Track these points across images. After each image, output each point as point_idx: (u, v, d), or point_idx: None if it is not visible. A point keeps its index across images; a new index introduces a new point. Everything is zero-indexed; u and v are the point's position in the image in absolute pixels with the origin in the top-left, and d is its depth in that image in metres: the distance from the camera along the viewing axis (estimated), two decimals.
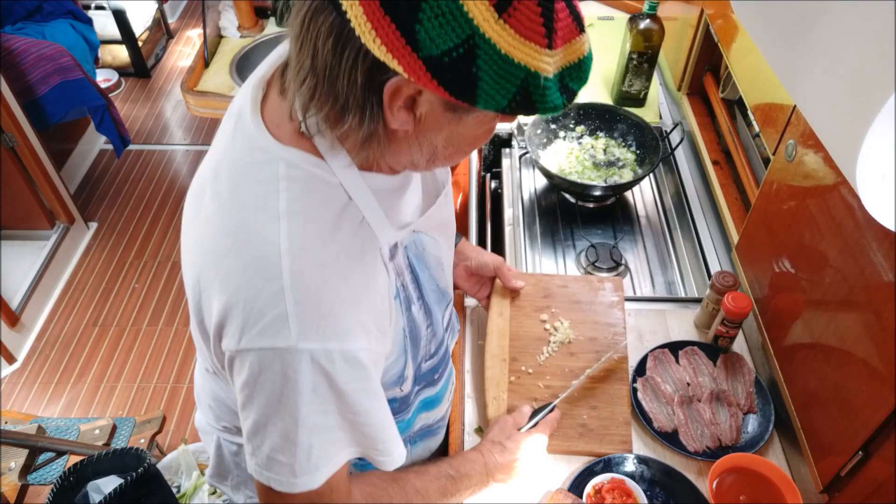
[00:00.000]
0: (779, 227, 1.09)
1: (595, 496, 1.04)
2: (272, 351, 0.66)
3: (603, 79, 1.93)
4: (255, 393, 0.69)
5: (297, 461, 0.72)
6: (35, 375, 2.45)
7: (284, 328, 0.65)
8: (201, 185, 0.76)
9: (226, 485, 1.09)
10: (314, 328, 0.66)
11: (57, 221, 2.80)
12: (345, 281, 0.69)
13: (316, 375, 0.67)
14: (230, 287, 0.67)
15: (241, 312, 0.67)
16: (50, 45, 2.67)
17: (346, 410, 0.72)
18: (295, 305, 0.65)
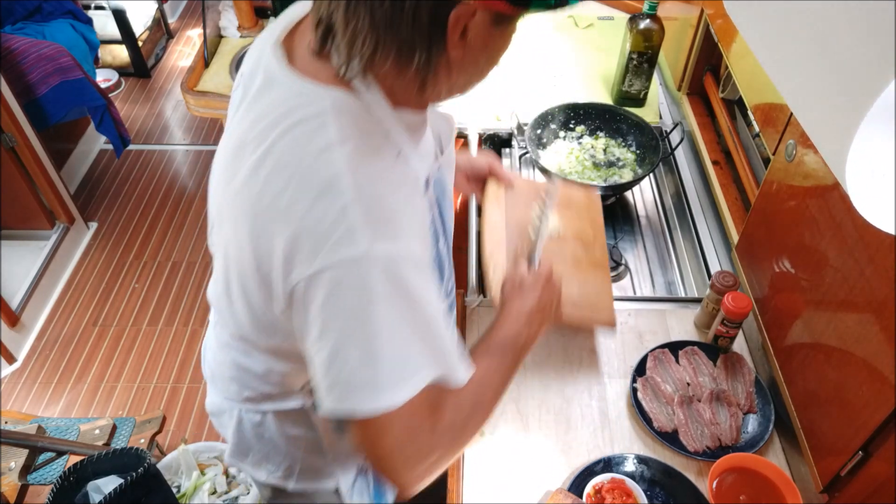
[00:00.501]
0: (779, 227, 1.09)
1: (595, 496, 1.04)
2: (347, 262, 0.68)
3: (603, 79, 1.94)
4: (331, 313, 0.70)
5: (379, 375, 0.71)
6: (35, 375, 2.45)
7: (356, 237, 0.67)
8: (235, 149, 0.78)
9: (246, 463, 1.08)
10: (383, 232, 0.69)
11: (57, 221, 2.80)
12: (398, 195, 0.73)
13: (389, 282, 0.69)
14: (295, 217, 0.69)
15: (310, 236, 0.68)
16: (50, 45, 2.67)
17: (419, 320, 0.73)
18: (362, 215, 0.68)
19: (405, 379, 0.73)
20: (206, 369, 1.10)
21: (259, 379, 0.96)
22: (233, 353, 0.96)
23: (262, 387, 0.97)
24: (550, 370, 1.24)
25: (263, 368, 0.94)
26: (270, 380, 0.95)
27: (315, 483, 1.09)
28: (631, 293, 1.45)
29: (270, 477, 1.08)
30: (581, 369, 1.25)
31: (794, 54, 0.77)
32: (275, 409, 0.99)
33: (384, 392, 0.72)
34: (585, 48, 2.07)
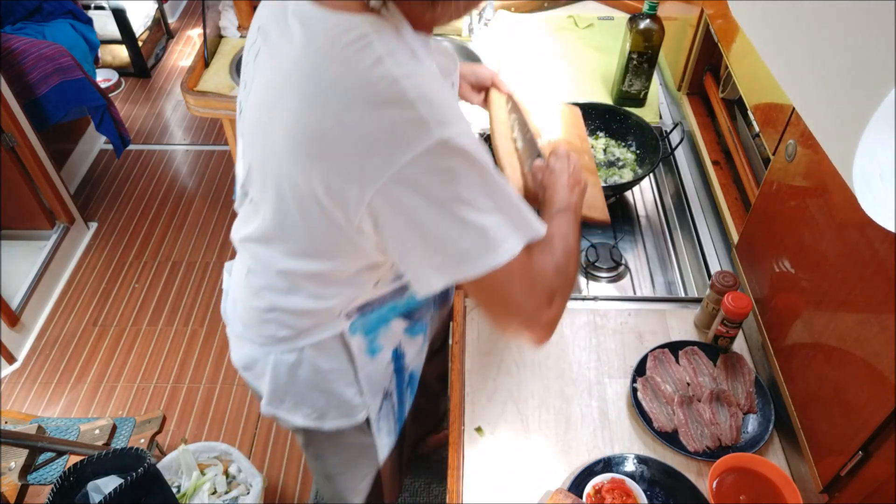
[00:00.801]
0: (779, 227, 1.09)
1: (595, 496, 1.04)
2: (422, 153, 0.74)
3: (603, 79, 1.94)
4: (417, 205, 0.76)
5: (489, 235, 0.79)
6: (35, 375, 2.45)
7: (425, 128, 0.74)
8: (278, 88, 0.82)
9: (282, 409, 1.14)
10: (446, 119, 0.75)
11: (57, 221, 2.80)
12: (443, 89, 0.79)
13: (465, 159, 0.76)
14: (364, 129, 0.75)
15: (385, 142, 0.74)
16: (50, 45, 2.67)
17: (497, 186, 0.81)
18: (426, 108, 0.74)
19: (512, 232, 0.82)
20: (236, 323, 1.14)
21: (298, 315, 1.02)
22: (270, 295, 1.02)
23: (300, 322, 1.03)
24: (550, 370, 1.25)
25: (304, 304, 1.00)
26: (310, 313, 1.02)
27: (348, 419, 1.16)
28: (631, 293, 1.45)
29: (307, 420, 1.15)
30: (581, 369, 1.25)
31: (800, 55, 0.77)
32: (311, 342, 1.05)
33: (499, 247, 0.80)
34: (585, 48, 2.07)
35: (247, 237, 1.01)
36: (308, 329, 1.04)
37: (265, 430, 2.27)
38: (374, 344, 1.10)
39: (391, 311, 1.08)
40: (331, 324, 1.04)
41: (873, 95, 0.61)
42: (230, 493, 1.84)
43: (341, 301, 1.01)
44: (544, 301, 0.89)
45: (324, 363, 1.08)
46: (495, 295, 0.86)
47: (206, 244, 2.91)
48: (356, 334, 1.06)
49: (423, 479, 2.08)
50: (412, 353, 1.20)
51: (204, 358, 2.49)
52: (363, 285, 1.00)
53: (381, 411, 1.20)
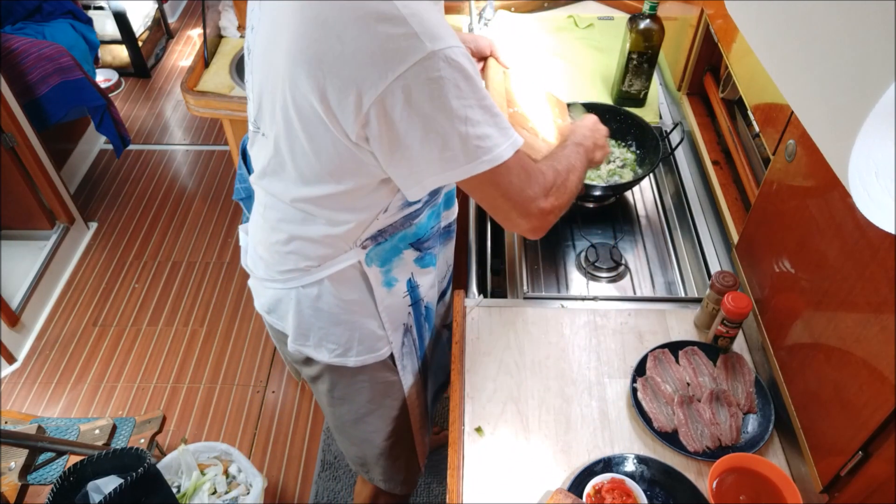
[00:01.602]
0: (779, 227, 1.09)
1: (595, 496, 1.04)
2: (415, 66, 0.81)
3: (603, 79, 1.93)
4: (412, 112, 0.84)
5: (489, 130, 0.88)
6: (35, 375, 2.45)
7: (417, 43, 0.81)
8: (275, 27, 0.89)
9: (308, 344, 1.22)
10: (438, 34, 0.82)
11: (57, 221, 2.80)
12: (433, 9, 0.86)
13: (452, 70, 0.83)
14: (360, 43, 0.81)
15: (379, 56, 0.81)
16: (50, 45, 2.67)
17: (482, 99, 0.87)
18: (418, 25, 0.81)
19: (503, 139, 0.90)
20: (258, 267, 1.21)
21: (316, 243, 1.08)
22: (287, 227, 1.09)
23: (318, 250, 1.09)
24: (550, 370, 1.25)
25: (320, 231, 1.06)
26: (326, 241, 1.08)
27: (373, 354, 1.22)
28: (631, 293, 1.45)
29: (332, 355, 1.21)
30: (581, 369, 1.25)
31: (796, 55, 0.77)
32: (331, 273, 1.11)
33: (501, 143, 0.90)
34: (585, 48, 2.07)
35: (261, 172, 1.08)
36: (327, 258, 1.10)
37: (265, 430, 2.28)
38: (390, 275, 1.16)
39: (402, 241, 1.13)
40: (347, 254, 1.10)
41: (868, 95, 0.61)
42: (230, 493, 1.84)
43: (355, 228, 1.06)
44: (541, 192, 0.99)
45: (345, 294, 1.14)
46: (496, 178, 0.93)
47: (206, 244, 2.91)
48: (372, 265, 1.12)
49: (423, 479, 2.08)
50: (425, 284, 1.24)
51: (204, 358, 2.49)
52: (373, 209, 1.04)
53: (403, 347, 1.26)
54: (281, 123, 0.95)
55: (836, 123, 0.67)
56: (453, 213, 1.29)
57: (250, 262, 1.25)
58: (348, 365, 1.22)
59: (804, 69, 0.75)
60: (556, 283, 1.48)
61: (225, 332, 2.57)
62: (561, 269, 1.50)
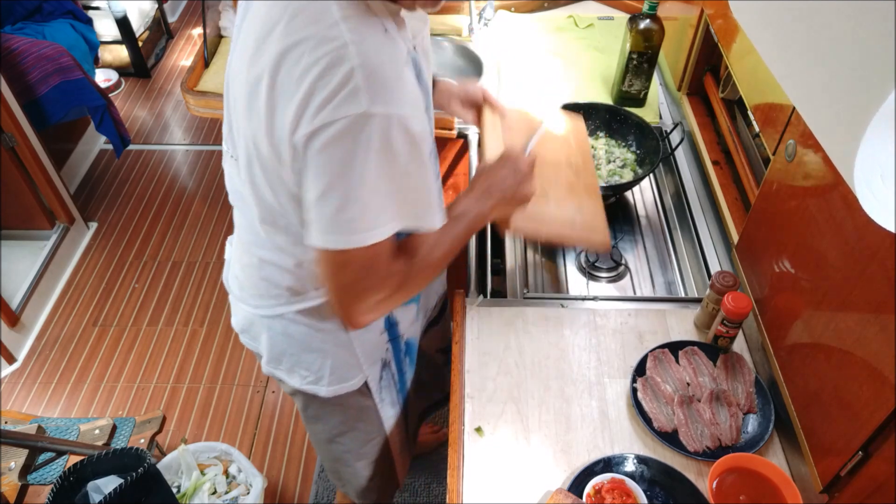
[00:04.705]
0: (779, 227, 1.09)
1: (595, 496, 1.04)
2: (347, 118, 0.78)
3: (603, 79, 1.94)
4: (328, 160, 0.81)
5: (356, 217, 0.84)
6: (35, 375, 2.45)
7: (357, 98, 0.78)
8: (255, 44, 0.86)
9: (281, 369, 1.20)
10: (380, 95, 0.79)
11: (57, 221, 2.80)
12: (393, 64, 0.83)
13: (381, 139, 0.80)
14: (307, 81, 0.79)
15: (319, 95, 0.79)
16: (50, 45, 2.67)
17: (398, 175, 0.85)
18: (365, 79, 0.78)
19: (377, 226, 0.86)
20: (233, 285, 1.20)
21: (287, 274, 1.06)
22: (258, 251, 1.07)
23: (289, 281, 1.07)
24: (550, 370, 1.25)
25: (286, 262, 1.05)
26: (298, 274, 1.06)
27: (345, 383, 1.20)
28: (631, 293, 1.45)
29: (304, 383, 1.19)
30: (581, 369, 1.25)
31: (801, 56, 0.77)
32: (303, 306, 1.10)
33: (356, 233, 0.85)
34: (585, 48, 2.07)
35: (233, 193, 1.07)
36: (297, 293, 1.08)
37: (265, 430, 2.27)
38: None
39: None
40: (319, 290, 1.08)
41: (874, 96, 0.61)
42: (230, 493, 1.84)
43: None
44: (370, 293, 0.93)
45: (317, 324, 1.12)
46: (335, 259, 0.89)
47: (206, 244, 2.91)
48: None
49: (423, 479, 2.08)
50: (406, 321, 1.22)
51: (204, 358, 2.49)
52: None
53: (381, 381, 1.23)
54: (242, 154, 0.94)
55: (841, 124, 0.67)
56: None
57: (230, 279, 1.22)
58: (320, 394, 1.20)
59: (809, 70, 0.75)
60: (556, 283, 1.48)
61: (225, 332, 2.57)
62: (561, 269, 1.50)
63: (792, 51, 0.79)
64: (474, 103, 1.33)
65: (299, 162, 0.84)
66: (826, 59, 0.71)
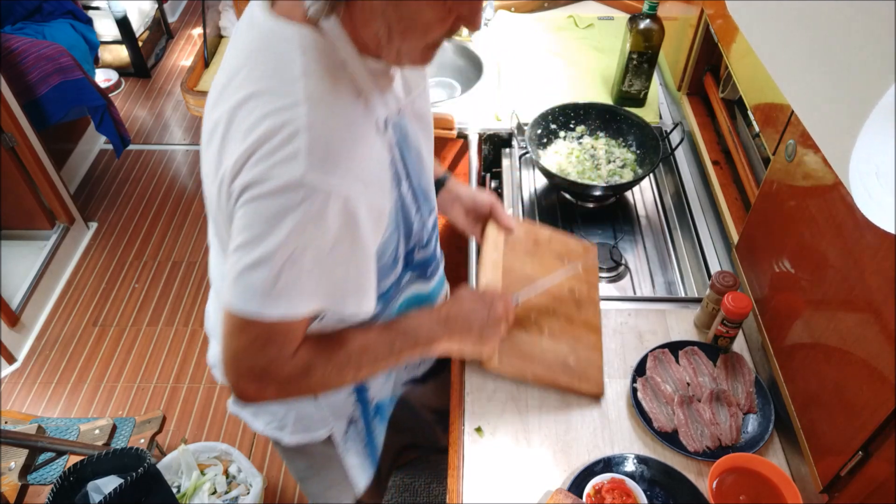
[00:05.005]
0: (779, 227, 1.09)
1: (595, 496, 1.04)
2: (280, 180, 0.73)
3: (603, 79, 1.94)
4: (251, 215, 0.76)
5: (264, 285, 0.76)
6: (35, 375, 2.45)
7: (295, 162, 0.73)
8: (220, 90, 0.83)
9: (246, 412, 1.17)
10: (320, 165, 0.74)
11: (57, 221, 2.80)
12: (351, 133, 0.78)
13: (310, 211, 0.74)
14: (253, 133, 0.75)
15: (258, 152, 0.74)
16: (50, 45, 2.67)
17: (324, 254, 0.78)
18: (308, 143, 0.73)
19: (285, 300, 0.78)
20: (209, 323, 1.16)
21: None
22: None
23: None
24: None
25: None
26: None
27: (309, 433, 1.15)
28: (631, 293, 1.45)
29: (267, 428, 1.15)
30: None
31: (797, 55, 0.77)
32: None
33: (261, 300, 0.77)
34: (585, 48, 2.07)
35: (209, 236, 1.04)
36: None
37: None
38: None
39: None
40: None
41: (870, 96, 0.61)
42: (230, 493, 1.84)
43: None
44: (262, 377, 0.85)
45: None
46: (233, 322, 0.81)
47: (206, 244, 2.91)
48: None
49: (423, 479, 2.08)
50: (376, 384, 1.17)
51: (204, 358, 2.49)
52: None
53: (347, 435, 1.18)
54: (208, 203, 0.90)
55: (836, 123, 0.67)
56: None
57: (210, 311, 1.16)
58: (283, 441, 1.15)
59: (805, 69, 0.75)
60: None
61: None
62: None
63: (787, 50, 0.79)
64: (480, 216, 1.26)
65: (231, 210, 0.78)
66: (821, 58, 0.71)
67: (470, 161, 1.76)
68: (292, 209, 0.74)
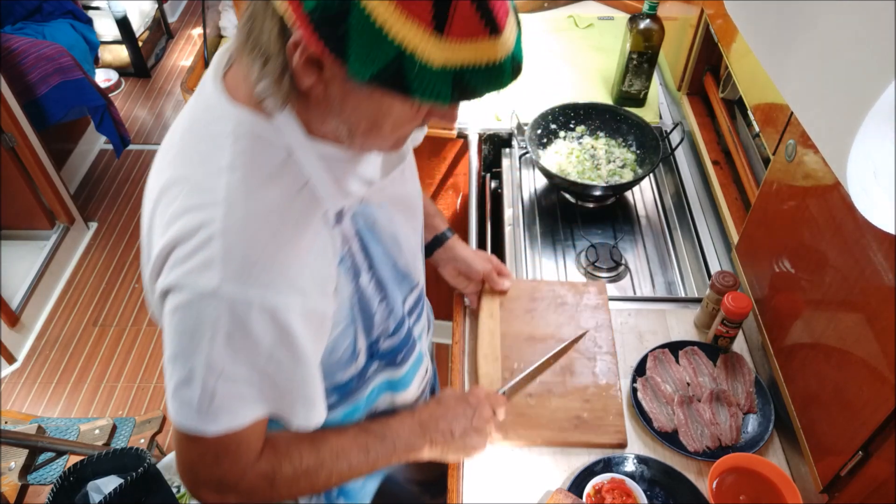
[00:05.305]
0: (779, 227, 1.09)
1: (595, 496, 1.04)
2: (194, 290, 0.68)
3: (603, 79, 1.94)
4: (173, 327, 0.71)
5: (199, 402, 0.72)
6: (35, 375, 2.45)
7: (209, 271, 0.67)
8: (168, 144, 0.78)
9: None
10: (237, 275, 0.68)
11: (57, 221, 2.80)
12: (277, 237, 0.70)
13: (232, 323, 0.69)
14: (172, 230, 0.70)
15: (175, 252, 0.69)
16: (50, 45, 2.67)
17: (260, 360, 0.72)
18: (223, 251, 0.68)
19: (227, 414, 0.74)
20: None
21: None
22: None
23: None
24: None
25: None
26: None
27: None
28: (631, 293, 1.45)
29: None
30: None
31: (795, 55, 0.77)
32: None
33: (198, 418, 0.73)
34: (585, 48, 2.07)
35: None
36: None
37: None
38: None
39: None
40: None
41: (867, 96, 0.61)
42: None
43: None
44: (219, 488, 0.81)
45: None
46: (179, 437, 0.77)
47: None
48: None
49: None
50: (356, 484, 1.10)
51: None
52: None
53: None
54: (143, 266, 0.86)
55: (834, 123, 0.67)
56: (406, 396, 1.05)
57: None
58: None
59: (803, 69, 0.75)
60: None
61: None
62: (561, 269, 1.50)
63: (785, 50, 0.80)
64: (471, 278, 1.25)
65: (159, 312, 0.74)
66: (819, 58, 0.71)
67: (470, 161, 1.76)
68: (212, 323, 0.68)
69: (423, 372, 1.09)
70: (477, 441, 1.01)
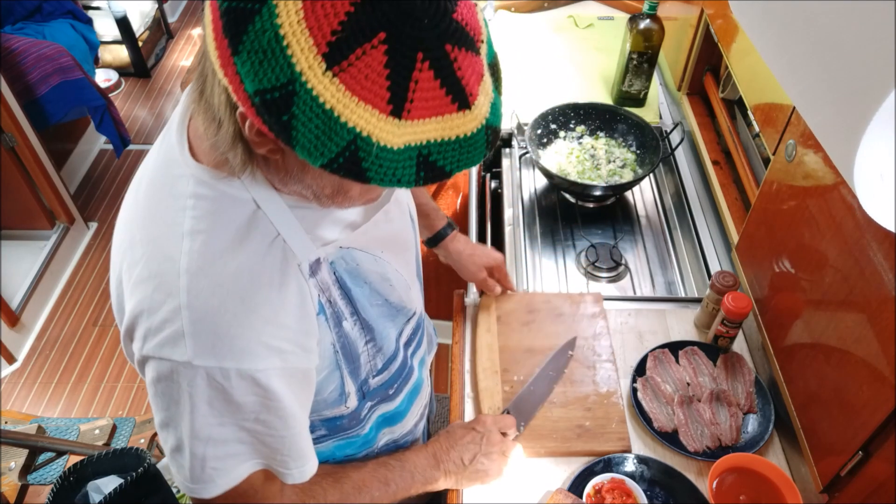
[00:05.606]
0: (779, 227, 1.09)
1: (595, 496, 1.04)
2: (170, 363, 0.67)
3: (603, 79, 1.94)
4: (156, 396, 0.71)
5: (191, 470, 0.72)
6: (35, 375, 2.45)
7: (181, 344, 0.66)
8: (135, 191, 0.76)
9: None
10: (209, 347, 0.66)
11: (57, 221, 2.80)
12: (246, 301, 0.68)
13: (212, 390, 0.67)
14: (137, 296, 0.68)
15: (145, 321, 0.68)
16: (50, 45, 2.67)
17: (246, 421, 0.71)
18: (191, 324, 0.65)
19: (224, 475, 0.73)
20: None
21: None
22: None
23: None
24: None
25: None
26: None
27: None
28: (631, 293, 1.45)
29: None
30: None
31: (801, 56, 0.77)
32: None
33: (194, 484, 0.73)
34: (585, 48, 2.07)
35: None
36: None
37: None
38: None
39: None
40: None
41: (875, 95, 0.61)
42: None
43: None
44: None
45: None
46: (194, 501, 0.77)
47: None
48: None
49: None
50: None
51: None
52: None
53: None
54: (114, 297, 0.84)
55: (841, 124, 0.67)
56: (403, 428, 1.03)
57: None
58: None
59: (809, 70, 0.75)
60: (556, 283, 1.47)
61: None
62: (561, 269, 1.50)
63: (792, 50, 0.79)
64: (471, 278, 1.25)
65: (139, 370, 0.73)
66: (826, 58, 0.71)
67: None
68: (191, 393, 0.67)
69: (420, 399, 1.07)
70: (489, 466, 1.03)
